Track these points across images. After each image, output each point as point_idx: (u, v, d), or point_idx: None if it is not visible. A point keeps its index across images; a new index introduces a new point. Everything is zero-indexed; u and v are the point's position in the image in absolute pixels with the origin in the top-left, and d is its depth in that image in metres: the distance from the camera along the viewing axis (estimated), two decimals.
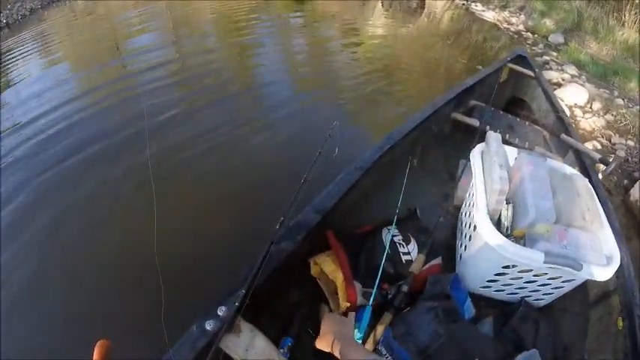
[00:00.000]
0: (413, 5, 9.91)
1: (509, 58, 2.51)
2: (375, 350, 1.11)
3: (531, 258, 1.12)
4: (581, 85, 4.45)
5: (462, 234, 1.47)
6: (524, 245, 1.20)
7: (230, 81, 4.30)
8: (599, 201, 1.36)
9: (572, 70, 5.01)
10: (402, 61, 5.39)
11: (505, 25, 7.12)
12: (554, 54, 5.71)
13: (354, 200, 1.47)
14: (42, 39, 5.63)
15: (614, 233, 1.26)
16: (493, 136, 1.47)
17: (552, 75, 4.73)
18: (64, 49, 5.29)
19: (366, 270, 1.22)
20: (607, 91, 4.54)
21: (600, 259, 1.19)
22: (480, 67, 4.63)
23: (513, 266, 1.20)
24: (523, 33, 6.73)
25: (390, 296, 1.21)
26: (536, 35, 6.62)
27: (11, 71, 4.52)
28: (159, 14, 6.82)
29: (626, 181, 3.12)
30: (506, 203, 1.31)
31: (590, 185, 1.42)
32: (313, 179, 1.16)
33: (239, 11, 7.01)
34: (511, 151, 1.51)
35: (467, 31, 7.00)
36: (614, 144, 3.51)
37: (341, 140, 1.28)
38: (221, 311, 0.85)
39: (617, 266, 1.16)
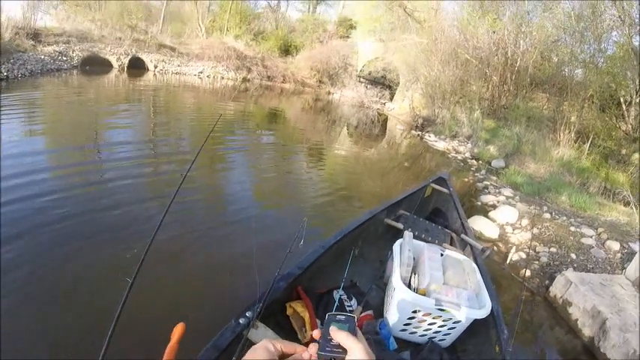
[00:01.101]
0: (375, 132, 12.19)
1: (432, 180, 3.81)
2: None
3: (428, 302, 2.06)
4: (514, 205, 5.90)
5: (387, 296, 2.39)
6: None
7: (200, 188, 4.90)
8: (481, 275, 2.38)
9: (508, 192, 6.56)
10: (362, 183, 6.78)
11: (453, 153, 9.06)
12: (494, 178, 7.40)
13: (315, 271, 2.39)
14: (30, 106, 6.66)
15: (488, 292, 2.23)
16: (407, 234, 2.53)
17: (489, 199, 6.20)
18: (46, 124, 6.19)
19: (323, 316, 2.09)
20: (537, 207, 5.97)
21: (474, 305, 2.15)
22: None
23: (419, 311, 2.12)
24: (469, 160, 8.59)
25: None
26: (480, 161, 8.49)
27: None
28: (144, 113, 8.26)
29: (547, 281, 4.19)
30: (414, 273, 2.30)
31: (474, 265, 2.46)
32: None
33: (217, 122, 8.50)
34: (421, 244, 2.56)
35: (421, 157, 8.84)
36: (539, 252, 4.70)
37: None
38: (248, 314, 1.67)
39: (489, 310, 2.09)
